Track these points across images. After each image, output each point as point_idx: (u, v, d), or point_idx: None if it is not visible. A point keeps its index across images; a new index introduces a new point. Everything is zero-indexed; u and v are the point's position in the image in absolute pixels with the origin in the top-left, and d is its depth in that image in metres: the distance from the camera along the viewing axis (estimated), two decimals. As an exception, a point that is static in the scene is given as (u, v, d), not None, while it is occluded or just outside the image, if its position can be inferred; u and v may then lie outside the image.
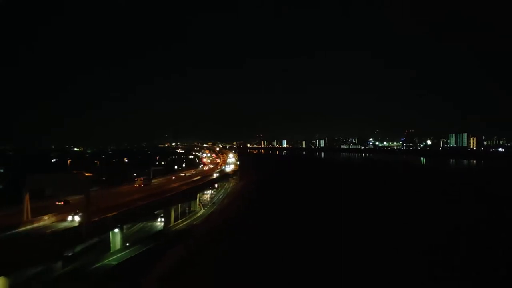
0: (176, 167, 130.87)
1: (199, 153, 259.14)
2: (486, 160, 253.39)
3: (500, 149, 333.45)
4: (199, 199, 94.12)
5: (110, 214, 41.13)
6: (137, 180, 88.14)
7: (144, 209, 53.28)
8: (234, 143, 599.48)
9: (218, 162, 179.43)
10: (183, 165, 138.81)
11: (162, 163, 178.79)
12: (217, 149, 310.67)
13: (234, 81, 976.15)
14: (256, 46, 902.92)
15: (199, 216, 79.06)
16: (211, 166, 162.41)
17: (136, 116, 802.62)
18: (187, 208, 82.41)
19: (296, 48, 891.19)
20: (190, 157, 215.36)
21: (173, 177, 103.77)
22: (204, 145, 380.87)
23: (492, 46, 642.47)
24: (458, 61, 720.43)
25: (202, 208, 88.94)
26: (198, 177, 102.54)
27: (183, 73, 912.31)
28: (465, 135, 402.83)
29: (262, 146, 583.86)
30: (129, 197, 60.88)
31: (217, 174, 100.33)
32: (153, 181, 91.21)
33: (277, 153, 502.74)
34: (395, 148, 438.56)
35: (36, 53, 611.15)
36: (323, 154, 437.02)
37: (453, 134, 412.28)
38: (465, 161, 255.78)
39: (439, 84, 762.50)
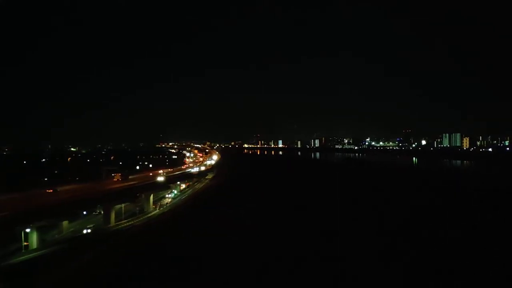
0: (137, 167, 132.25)
1: (190, 152, 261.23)
2: (472, 159, 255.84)
3: (489, 149, 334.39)
4: (157, 199, 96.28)
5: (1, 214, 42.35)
6: (115, 175, 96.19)
7: (59, 208, 54.51)
8: (232, 142, 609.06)
9: (199, 162, 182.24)
10: (150, 165, 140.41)
11: (146, 163, 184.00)
12: (207, 149, 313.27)
13: (234, 82, 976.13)
14: (257, 49, 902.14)
15: (147, 217, 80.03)
16: (191, 165, 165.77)
17: (136, 116, 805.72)
18: (137, 209, 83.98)
19: (296, 50, 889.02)
20: (174, 157, 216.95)
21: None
22: (196, 145, 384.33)
23: (492, 46, 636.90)
24: (458, 61, 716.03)
25: (157, 209, 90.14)
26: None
27: (183, 74, 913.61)
28: (458, 135, 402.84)
29: (259, 146, 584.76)
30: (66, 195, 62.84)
31: (162, 178, 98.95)
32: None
33: (273, 153, 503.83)
34: (388, 148, 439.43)
35: (38, 54, 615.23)
36: (317, 154, 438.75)
37: (447, 134, 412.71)
38: (449, 160, 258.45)
39: (439, 84, 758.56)
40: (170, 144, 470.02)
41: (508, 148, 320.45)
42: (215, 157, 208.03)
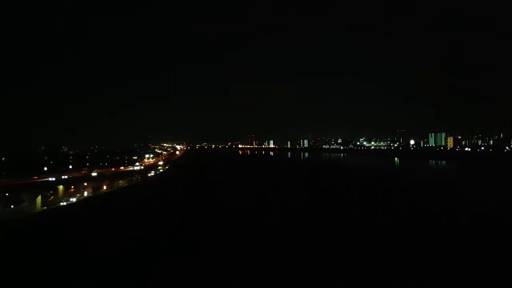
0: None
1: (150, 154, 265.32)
2: (440, 158, 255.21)
3: (466, 149, 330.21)
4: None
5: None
6: (83, 169, 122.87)
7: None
8: (229, 143, 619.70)
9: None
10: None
11: (106, 164, 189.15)
12: (176, 151, 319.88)
13: (233, 82, 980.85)
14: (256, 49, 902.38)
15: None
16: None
17: (135, 116, 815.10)
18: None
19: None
20: (135, 157, 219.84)
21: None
22: (177, 146, 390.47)
23: (492, 46, 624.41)
24: (458, 60, 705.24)
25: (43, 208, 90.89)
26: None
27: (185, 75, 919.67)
28: (443, 134, 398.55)
29: (251, 146, 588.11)
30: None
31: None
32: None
33: (263, 153, 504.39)
34: (371, 148, 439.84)
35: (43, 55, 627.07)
36: (306, 154, 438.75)
37: (432, 134, 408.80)
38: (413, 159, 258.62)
39: (438, 84, 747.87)
40: (164, 144, 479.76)
41: (482, 148, 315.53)
42: (160, 162, 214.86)
